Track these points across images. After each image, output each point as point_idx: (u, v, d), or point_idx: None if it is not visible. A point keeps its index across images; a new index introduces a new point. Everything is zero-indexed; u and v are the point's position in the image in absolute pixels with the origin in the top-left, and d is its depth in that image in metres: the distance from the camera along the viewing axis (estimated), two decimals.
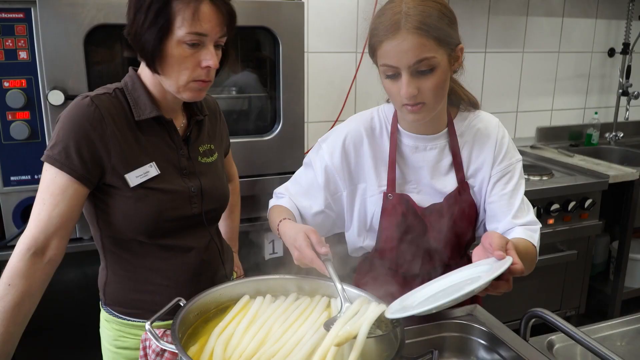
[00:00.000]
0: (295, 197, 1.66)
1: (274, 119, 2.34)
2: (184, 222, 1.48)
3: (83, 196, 1.36)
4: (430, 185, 1.59)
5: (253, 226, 2.35)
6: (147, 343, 1.36)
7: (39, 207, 1.33)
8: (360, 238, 1.66)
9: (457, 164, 1.59)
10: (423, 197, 1.60)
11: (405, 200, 1.57)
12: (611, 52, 4.02)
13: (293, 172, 2.33)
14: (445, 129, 1.59)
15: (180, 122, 1.52)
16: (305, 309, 1.33)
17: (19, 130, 1.97)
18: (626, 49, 3.93)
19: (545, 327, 1.46)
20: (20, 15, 1.92)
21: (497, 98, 3.74)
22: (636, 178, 3.23)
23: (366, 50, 3.18)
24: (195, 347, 1.20)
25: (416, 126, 1.57)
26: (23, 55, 1.95)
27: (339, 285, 1.30)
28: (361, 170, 1.61)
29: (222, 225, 1.93)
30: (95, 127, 1.34)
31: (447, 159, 1.60)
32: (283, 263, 2.44)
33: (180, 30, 1.30)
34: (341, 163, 1.60)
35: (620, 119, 4.07)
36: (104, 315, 1.57)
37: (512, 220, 1.57)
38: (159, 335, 1.34)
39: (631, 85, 3.93)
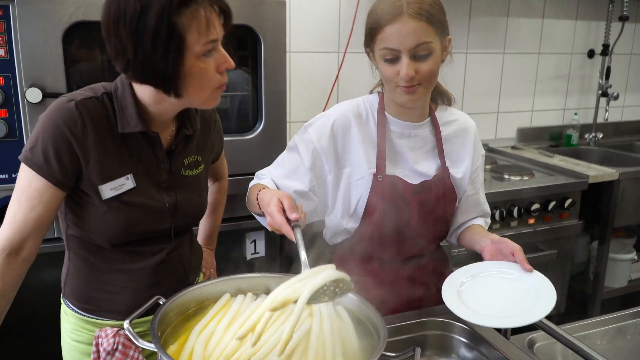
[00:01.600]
0: (278, 179, 1.66)
1: (256, 118, 2.33)
2: (151, 234, 1.46)
3: (59, 199, 1.33)
4: (414, 169, 1.66)
5: (234, 225, 2.33)
6: (100, 340, 1.35)
7: (14, 209, 1.30)
8: (344, 220, 1.68)
9: (439, 151, 1.68)
10: (407, 179, 1.65)
11: (394, 182, 1.62)
12: (591, 54, 4.05)
13: None
14: (428, 118, 1.68)
15: (167, 134, 1.45)
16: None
17: None
18: (606, 50, 3.97)
19: (526, 326, 1.47)
20: None
21: (478, 99, 3.75)
22: (615, 178, 3.27)
23: (348, 50, 3.21)
24: (174, 345, 1.18)
25: (403, 113, 1.64)
26: (1, 52, 1.92)
27: (302, 253, 1.27)
28: (348, 154, 1.64)
29: (204, 222, 1.91)
30: (77, 135, 1.29)
31: (430, 145, 1.69)
32: (265, 263, 2.44)
33: (198, 45, 1.22)
34: (329, 146, 1.63)
35: (600, 119, 4.11)
36: (63, 307, 1.56)
37: (483, 209, 1.80)
38: (113, 335, 1.33)
39: (610, 86, 3.97)
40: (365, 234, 1.67)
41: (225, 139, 2.25)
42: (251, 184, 1.70)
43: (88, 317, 1.50)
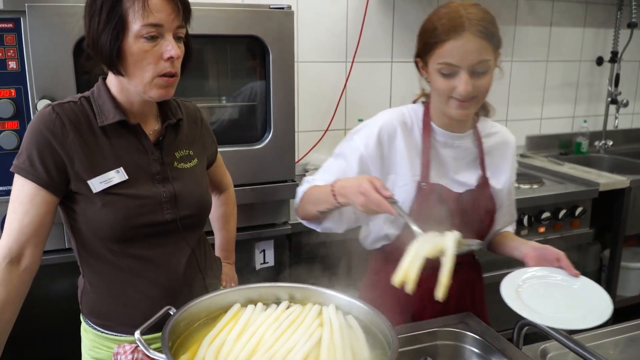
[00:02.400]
0: None
1: (265, 128, 2.34)
2: (156, 229, 1.46)
3: (51, 204, 1.36)
4: (455, 179, 1.69)
5: (243, 235, 2.33)
6: (118, 357, 1.35)
7: (10, 217, 1.34)
8: (385, 226, 1.71)
9: (481, 162, 1.72)
10: (450, 187, 1.68)
11: (439, 189, 1.65)
12: (599, 61, 4.04)
13: (284, 181, 2.36)
14: (471, 130, 1.71)
15: (152, 126, 1.50)
16: (296, 317, 1.32)
17: (7, 140, 1.95)
18: (614, 57, 3.96)
19: (539, 335, 1.47)
20: (10, 25, 1.91)
21: None
22: (626, 186, 3.25)
23: (356, 59, 3.22)
24: (185, 356, 1.18)
25: (448, 123, 1.66)
26: (12, 65, 1.94)
27: (412, 223, 1.36)
28: (393, 161, 1.67)
29: (218, 236, 1.92)
30: (56, 135, 1.34)
31: (472, 156, 1.72)
32: (274, 272, 2.44)
33: (135, 25, 1.29)
34: (375, 153, 1.65)
35: (610, 127, 4.09)
36: (82, 324, 1.56)
37: (513, 217, 1.87)
38: (131, 351, 1.34)
39: (620, 93, 3.96)
40: (405, 240, 1.67)
41: (234, 149, 2.27)
42: (303, 188, 1.70)
43: (106, 333, 1.50)
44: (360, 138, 1.66)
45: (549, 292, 1.50)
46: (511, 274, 1.54)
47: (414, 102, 1.77)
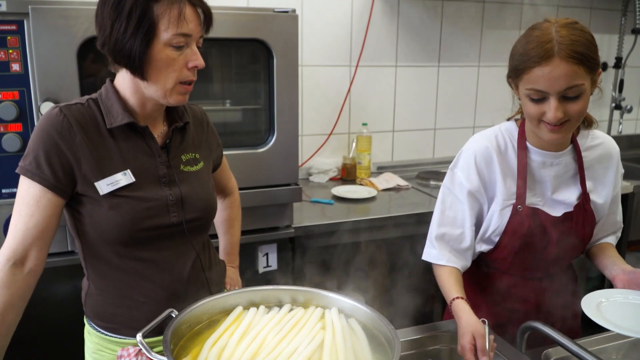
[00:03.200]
0: (447, 232, 1.69)
1: (269, 131, 2.34)
2: (163, 231, 1.45)
3: (57, 206, 1.36)
4: (554, 198, 1.66)
5: (247, 239, 2.33)
6: None
7: (15, 219, 1.33)
8: (478, 245, 1.72)
9: (581, 179, 1.66)
10: (547, 210, 1.65)
11: (535, 213, 1.63)
12: (603, 66, 4.03)
13: (288, 185, 2.36)
14: (570, 145, 1.65)
15: (159, 129, 1.50)
16: (299, 319, 1.32)
17: (10, 142, 1.95)
18: (619, 63, 3.96)
19: (542, 340, 1.46)
20: (13, 27, 1.91)
21: (491, 111, 3.72)
22: (630, 191, 3.24)
23: (360, 63, 3.21)
24: (187, 358, 1.18)
25: (545, 143, 1.61)
26: (16, 67, 1.94)
27: None
28: (494, 184, 1.66)
29: (222, 239, 1.91)
30: (64, 136, 1.34)
31: (571, 173, 1.67)
32: (277, 276, 2.44)
33: (167, 33, 1.30)
34: (478, 183, 1.65)
35: (614, 132, 4.09)
36: (86, 327, 1.56)
37: (617, 226, 1.82)
38: (134, 354, 1.33)
39: (624, 99, 3.96)
40: (497, 255, 1.71)
41: (238, 152, 2.27)
42: (431, 255, 1.70)
43: (111, 336, 1.49)
44: (461, 172, 1.67)
45: (631, 311, 1.48)
46: (592, 293, 1.56)
47: (508, 119, 1.73)
